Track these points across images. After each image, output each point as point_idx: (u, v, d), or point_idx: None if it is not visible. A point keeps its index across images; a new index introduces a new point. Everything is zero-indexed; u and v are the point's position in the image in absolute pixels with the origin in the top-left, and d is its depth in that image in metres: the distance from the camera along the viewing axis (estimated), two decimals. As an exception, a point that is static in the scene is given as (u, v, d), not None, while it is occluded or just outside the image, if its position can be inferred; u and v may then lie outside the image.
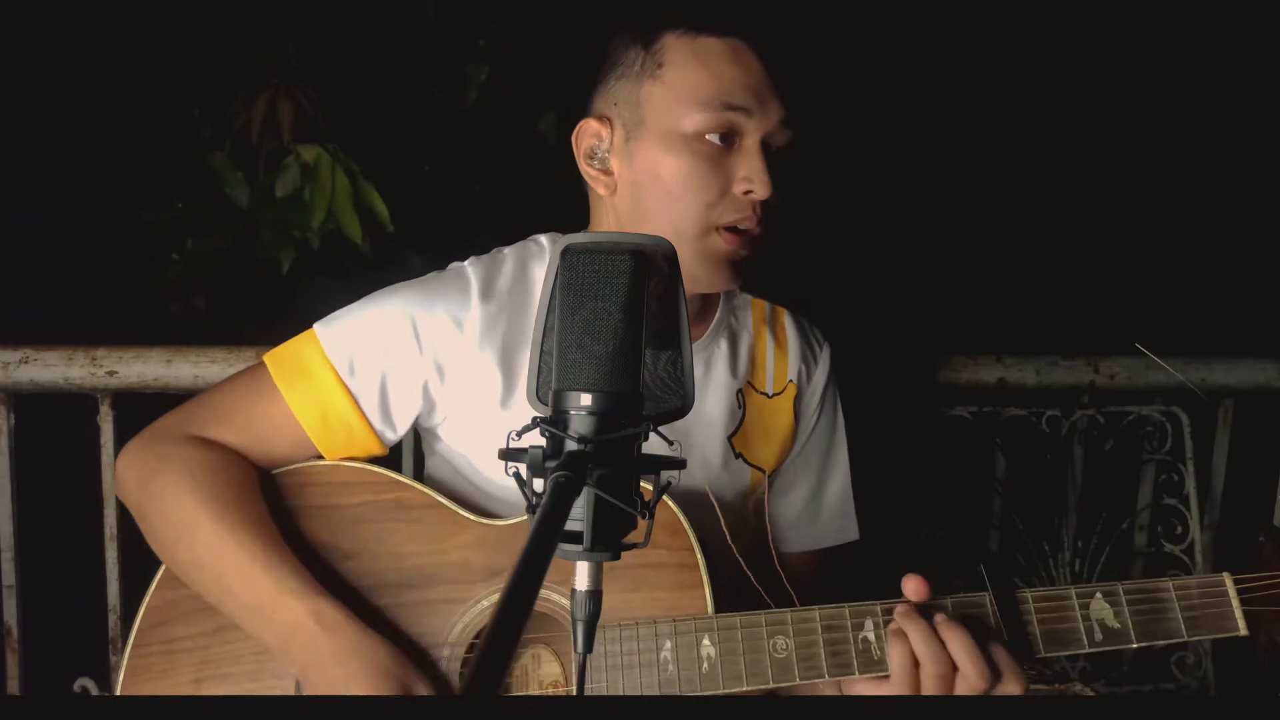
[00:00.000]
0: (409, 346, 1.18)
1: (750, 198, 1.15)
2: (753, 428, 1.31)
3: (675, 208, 1.16)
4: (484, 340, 1.19)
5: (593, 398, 0.73)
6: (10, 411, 1.64)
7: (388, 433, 1.21)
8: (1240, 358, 1.89)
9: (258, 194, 2.02)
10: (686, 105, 1.14)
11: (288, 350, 1.21)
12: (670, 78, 1.16)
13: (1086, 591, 1.10)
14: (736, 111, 1.14)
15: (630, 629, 1.10)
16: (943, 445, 1.84)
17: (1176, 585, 1.10)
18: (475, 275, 1.21)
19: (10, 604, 1.66)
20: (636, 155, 1.18)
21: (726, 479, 1.28)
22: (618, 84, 1.20)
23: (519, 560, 0.58)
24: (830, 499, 1.39)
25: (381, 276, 1.27)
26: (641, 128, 1.17)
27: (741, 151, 1.15)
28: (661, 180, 1.16)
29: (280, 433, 1.18)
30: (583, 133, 1.22)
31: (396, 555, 1.16)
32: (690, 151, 1.14)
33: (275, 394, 1.18)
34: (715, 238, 1.17)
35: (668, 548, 1.13)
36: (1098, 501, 1.89)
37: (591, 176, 1.23)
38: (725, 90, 1.14)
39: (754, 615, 1.10)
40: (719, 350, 1.30)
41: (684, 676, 1.08)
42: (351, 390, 1.18)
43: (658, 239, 0.80)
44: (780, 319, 1.38)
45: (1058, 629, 1.09)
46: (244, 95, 2.01)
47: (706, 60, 1.15)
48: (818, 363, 1.38)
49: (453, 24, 2.20)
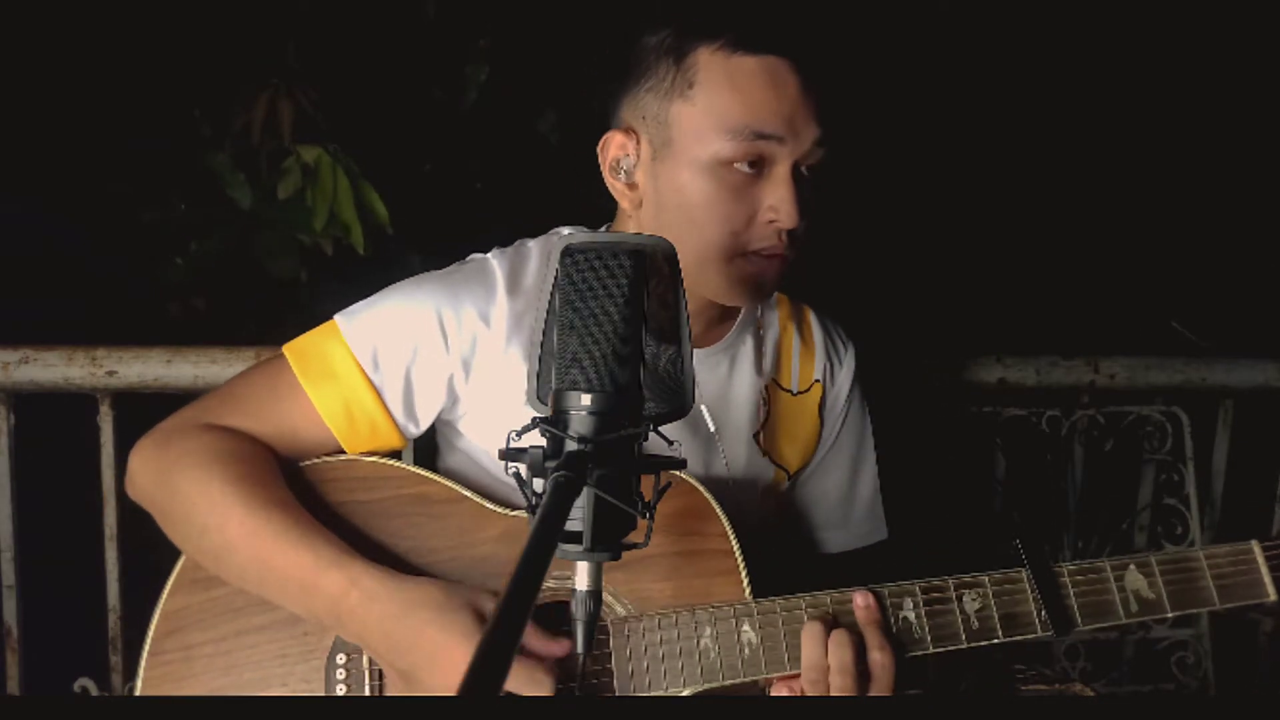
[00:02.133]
0: (435, 342, 1.16)
1: (775, 227, 1.13)
2: (777, 425, 1.30)
3: (700, 234, 1.14)
4: (511, 336, 1.17)
5: (593, 398, 0.73)
6: (10, 411, 1.64)
7: (410, 427, 1.20)
8: (1240, 358, 1.89)
9: (259, 196, 2.02)
10: (716, 132, 1.11)
11: (309, 343, 1.18)
12: (701, 100, 1.12)
13: (1120, 564, 1.12)
14: (768, 140, 1.11)
15: (669, 617, 1.09)
16: (942, 445, 1.84)
17: (1207, 554, 1.12)
18: (500, 269, 1.19)
19: (10, 604, 1.65)
20: (662, 175, 1.16)
21: (750, 476, 1.27)
22: (647, 97, 1.16)
23: (519, 560, 0.59)
24: (861, 501, 1.38)
25: (382, 277, 1.26)
26: (669, 148, 1.14)
27: (771, 179, 1.13)
28: (686, 206, 1.14)
29: (303, 427, 1.16)
30: (609, 144, 1.20)
31: (423, 551, 1.14)
32: (717, 179, 1.12)
33: (297, 388, 1.16)
34: (742, 262, 1.15)
35: (701, 534, 1.12)
36: (1098, 501, 1.89)
37: (616, 189, 1.21)
38: (757, 119, 1.10)
39: (793, 599, 1.10)
40: (744, 347, 1.29)
41: (726, 663, 1.08)
42: (376, 384, 1.16)
43: (658, 239, 0.80)
44: (807, 317, 1.37)
45: (1095, 601, 1.11)
46: (244, 95, 2.01)
47: (739, 83, 1.11)
48: (843, 364, 1.37)
49: (453, 24, 2.20)
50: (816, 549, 1.37)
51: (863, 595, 1.10)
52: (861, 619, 1.09)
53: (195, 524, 1.11)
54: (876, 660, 1.07)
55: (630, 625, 1.09)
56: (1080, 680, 1.74)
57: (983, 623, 1.11)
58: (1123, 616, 1.10)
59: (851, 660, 1.05)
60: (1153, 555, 1.12)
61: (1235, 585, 1.11)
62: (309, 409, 1.16)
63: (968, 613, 1.11)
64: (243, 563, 1.09)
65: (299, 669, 1.11)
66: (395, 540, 1.15)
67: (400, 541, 1.15)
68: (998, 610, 1.11)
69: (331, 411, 1.16)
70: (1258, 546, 1.12)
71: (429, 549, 1.15)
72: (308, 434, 1.17)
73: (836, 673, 1.05)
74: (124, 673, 1.65)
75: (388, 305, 1.19)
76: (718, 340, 1.27)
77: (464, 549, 1.15)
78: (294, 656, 1.12)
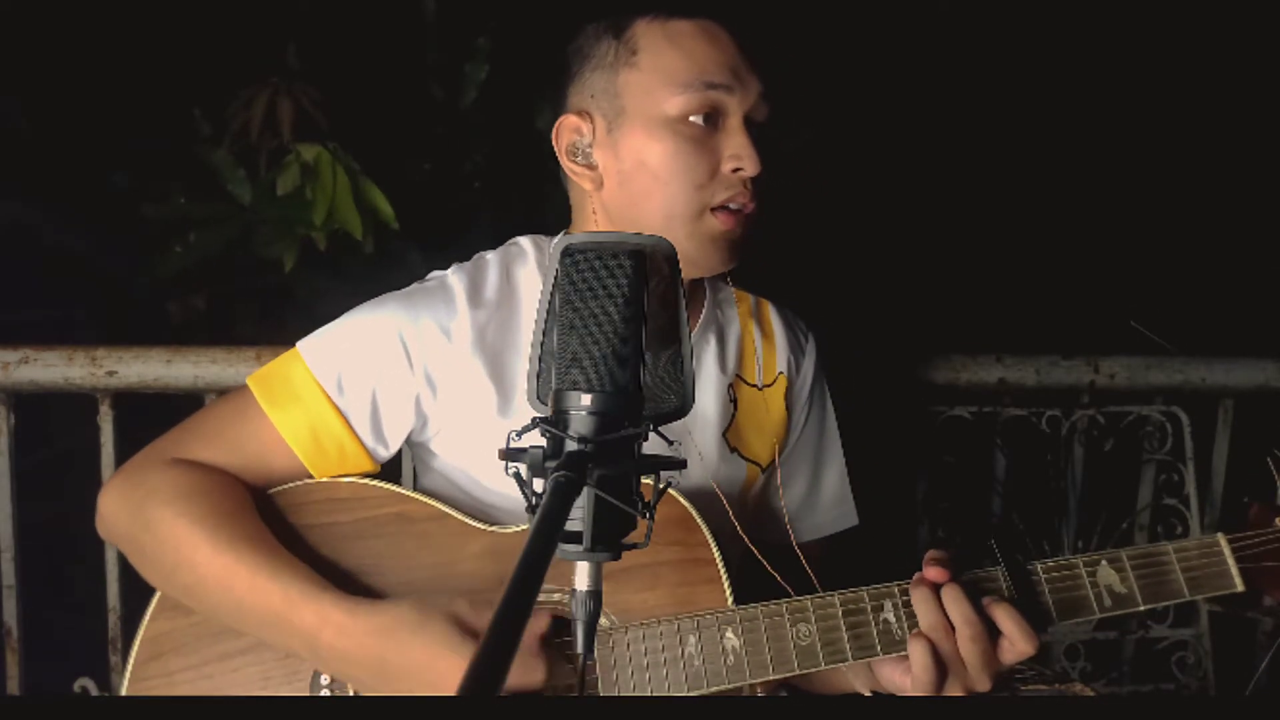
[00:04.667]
0: (398, 362, 1.16)
1: (740, 175, 1.15)
2: (745, 422, 1.30)
3: (665, 193, 1.15)
4: (475, 348, 1.17)
5: (593, 398, 0.73)
6: (10, 411, 1.64)
7: (380, 450, 1.19)
8: (1240, 358, 1.89)
9: (259, 191, 2.02)
10: (666, 89, 1.14)
11: (273, 371, 1.18)
12: (646, 64, 1.15)
13: (1092, 560, 1.13)
14: (718, 90, 1.14)
15: (652, 627, 1.10)
16: (943, 445, 1.84)
17: (1176, 548, 1.14)
18: (460, 283, 1.20)
19: (10, 604, 1.65)
20: (620, 145, 1.17)
21: (724, 475, 1.28)
22: (593, 76, 1.19)
23: (519, 561, 0.59)
24: (828, 487, 1.39)
25: (382, 275, 1.26)
26: (623, 117, 1.17)
27: (726, 130, 1.15)
28: (648, 166, 1.15)
29: (270, 455, 1.16)
30: (562, 129, 1.21)
31: (405, 570, 1.14)
32: (675, 134, 1.14)
33: (262, 416, 1.15)
34: (710, 219, 1.16)
35: (682, 544, 1.12)
36: (1098, 501, 1.89)
37: (575, 172, 1.22)
38: (703, 70, 1.14)
39: (775, 605, 1.10)
40: (708, 346, 1.29)
41: (710, 670, 1.08)
42: (341, 409, 1.15)
43: (658, 239, 0.80)
44: (765, 311, 1.38)
45: (1069, 597, 1.12)
46: (244, 94, 2.01)
47: (680, 42, 1.15)
48: (805, 353, 1.38)
49: (452, 23, 2.20)
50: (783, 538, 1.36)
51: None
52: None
53: (166, 562, 1.11)
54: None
55: (615, 636, 1.10)
56: (1080, 680, 1.73)
57: None
58: (1096, 611, 1.11)
59: (974, 612, 1.04)
60: (1124, 551, 1.13)
61: (1204, 577, 1.13)
62: (274, 436, 1.15)
63: None
64: (214, 601, 1.09)
65: (283, 691, 1.11)
66: (377, 560, 1.15)
67: (382, 561, 1.15)
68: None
69: (298, 437, 1.15)
70: (1224, 540, 1.14)
71: (411, 567, 1.15)
72: (276, 462, 1.16)
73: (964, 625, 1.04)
74: (124, 673, 1.65)
75: (348, 327, 1.19)
76: None
77: (447, 566, 1.15)
78: (277, 679, 1.11)
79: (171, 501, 1.10)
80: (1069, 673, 1.80)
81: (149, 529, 1.11)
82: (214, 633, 1.13)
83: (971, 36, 2.60)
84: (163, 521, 1.10)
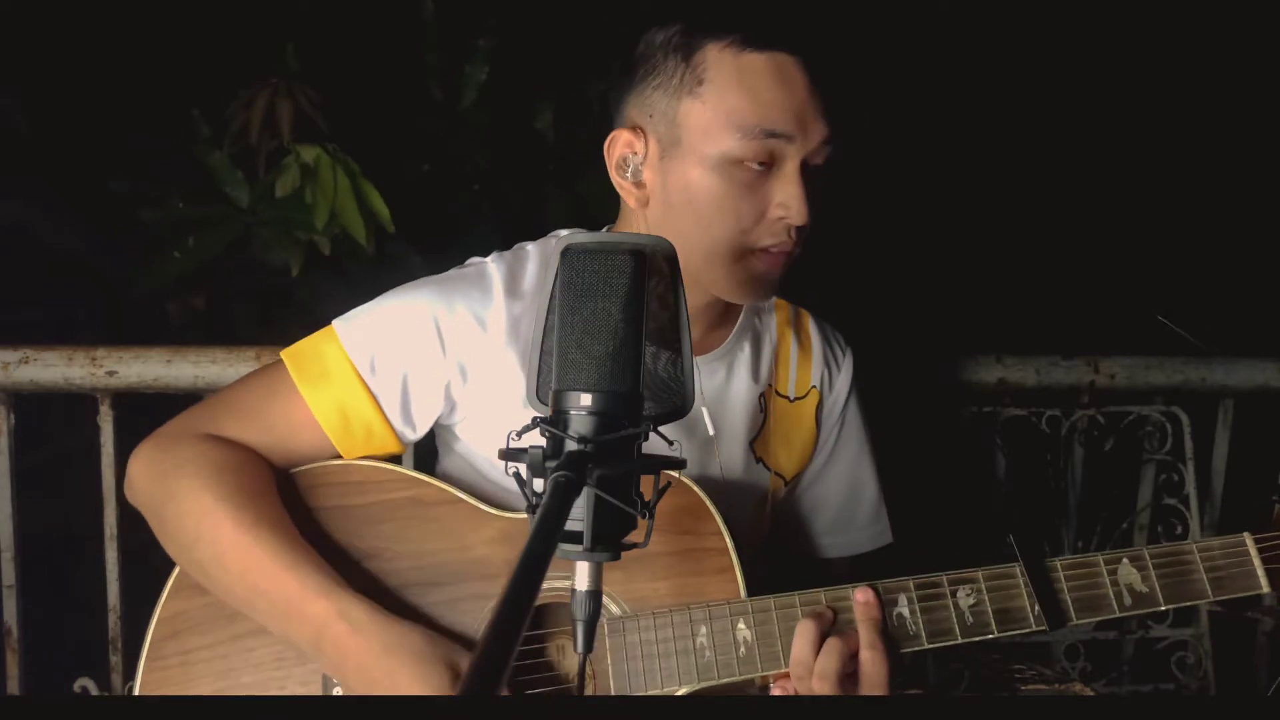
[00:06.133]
0: (432, 347, 1.16)
1: (785, 223, 1.13)
2: (774, 432, 1.30)
3: (709, 232, 1.14)
4: (509, 339, 1.17)
5: (593, 398, 0.73)
6: (10, 411, 1.64)
7: (408, 433, 1.20)
8: (1240, 358, 1.89)
9: (258, 193, 2.02)
10: (726, 130, 1.10)
11: (307, 348, 1.18)
12: (711, 97, 1.11)
13: (1113, 558, 1.12)
14: (778, 139, 1.11)
15: (664, 616, 1.10)
16: (942, 445, 1.84)
17: (1200, 547, 1.12)
18: (499, 272, 1.19)
19: (10, 604, 1.65)
20: (670, 173, 1.15)
21: (746, 483, 1.27)
22: (655, 95, 1.15)
23: (519, 560, 0.59)
24: (865, 505, 1.38)
25: (382, 276, 1.26)
26: (678, 146, 1.14)
27: (780, 176, 1.12)
28: (695, 203, 1.13)
29: (300, 433, 1.16)
30: (615, 143, 1.19)
31: (418, 554, 1.14)
32: (726, 177, 1.12)
33: (294, 393, 1.15)
34: (751, 260, 1.15)
35: (695, 533, 1.12)
36: (1098, 501, 1.89)
37: (623, 188, 1.20)
38: (767, 117, 1.10)
39: (788, 596, 1.10)
40: (741, 354, 1.29)
41: (721, 661, 1.08)
42: (372, 390, 1.16)
43: (658, 239, 0.80)
44: (805, 322, 1.37)
45: (1088, 595, 1.11)
46: (243, 95, 2.01)
47: (749, 81, 1.10)
48: (840, 369, 1.37)
49: (452, 23, 2.20)
50: (819, 555, 1.36)
51: (862, 591, 1.10)
52: (859, 615, 1.09)
53: (188, 534, 1.11)
54: (867, 659, 1.07)
55: (626, 624, 1.09)
56: (1080, 680, 1.73)
57: (977, 618, 1.11)
58: (1116, 610, 1.11)
59: (835, 670, 1.05)
60: (1146, 549, 1.12)
61: (1229, 577, 1.11)
62: (305, 413, 1.15)
63: (962, 608, 1.11)
64: (231, 579, 1.09)
65: (296, 672, 1.11)
66: (390, 543, 1.15)
67: (395, 544, 1.15)
68: (992, 605, 1.11)
69: (327, 416, 1.15)
70: (1250, 539, 1.12)
71: (424, 550, 1.14)
72: (304, 439, 1.17)
73: (817, 677, 1.06)
74: (124, 673, 1.65)
75: (385, 310, 1.19)
76: (715, 347, 1.26)
77: (459, 551, 1.14)
78: (291, 660, 1.11)
79: (200, 475, 1.11)
80: (1069, 673, 1.80)
81: (174, 499, 1.12)
82: (229, 614, 1.13)
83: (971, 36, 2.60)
84: (189, 493, 1.10)
